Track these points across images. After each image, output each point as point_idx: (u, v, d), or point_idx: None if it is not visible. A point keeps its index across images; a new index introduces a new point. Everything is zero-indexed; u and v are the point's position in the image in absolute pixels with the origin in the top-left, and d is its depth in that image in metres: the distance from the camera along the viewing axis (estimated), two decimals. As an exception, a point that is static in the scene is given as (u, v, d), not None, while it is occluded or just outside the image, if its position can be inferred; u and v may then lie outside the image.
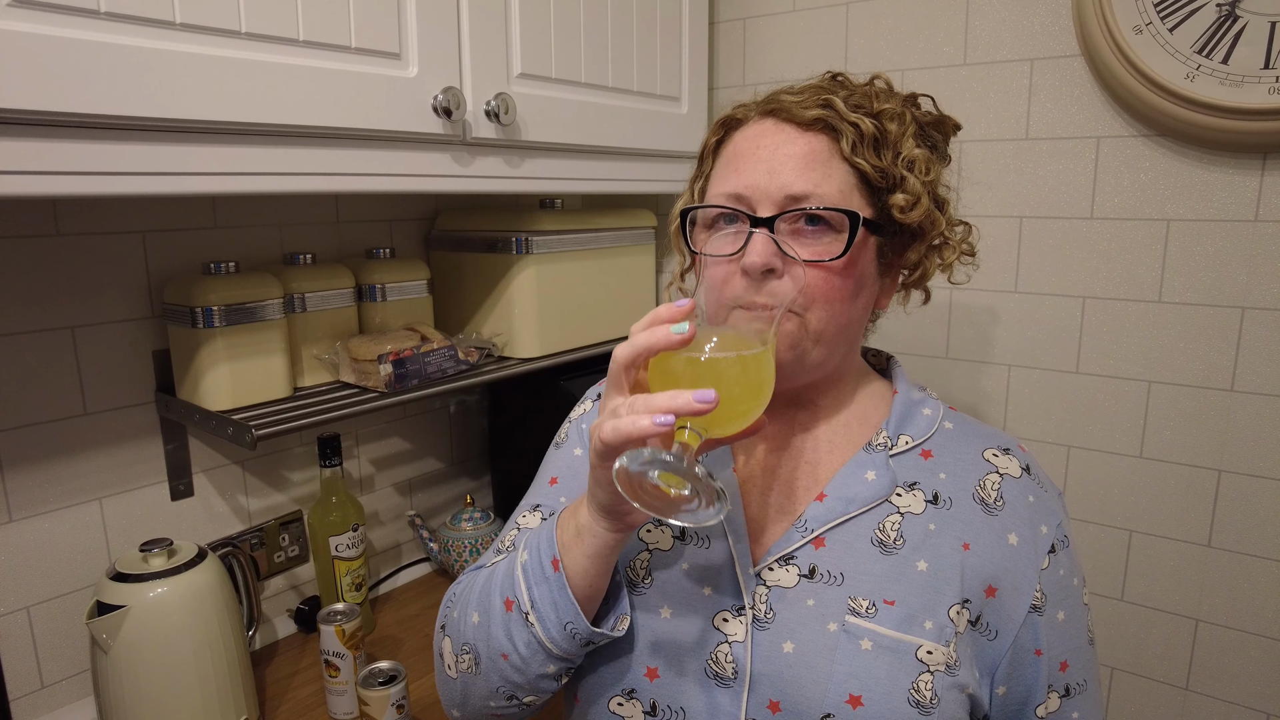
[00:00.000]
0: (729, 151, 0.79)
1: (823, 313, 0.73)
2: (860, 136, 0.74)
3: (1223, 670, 1.19)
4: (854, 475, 0.77)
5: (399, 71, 0.97)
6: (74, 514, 1.09)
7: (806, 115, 0.74)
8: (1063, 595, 0.76)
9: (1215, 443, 1.16)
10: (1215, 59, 1.05)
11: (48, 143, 0.71)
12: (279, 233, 1.27)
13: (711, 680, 0.73)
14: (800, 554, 0.74)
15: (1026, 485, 0.78)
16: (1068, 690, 0.74)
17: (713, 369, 0.61)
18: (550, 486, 0.88)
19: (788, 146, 0.74)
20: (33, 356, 1.04)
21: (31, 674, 1.07)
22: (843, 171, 0.75)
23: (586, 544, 0.67)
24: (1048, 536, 0.76)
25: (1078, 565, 0.80)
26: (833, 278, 0.73)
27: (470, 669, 0.75)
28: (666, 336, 0.59)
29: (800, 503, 0.78)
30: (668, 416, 0.56)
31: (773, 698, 0.70)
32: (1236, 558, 1.16)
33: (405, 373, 1.15)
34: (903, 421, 0.81)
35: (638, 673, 0.75)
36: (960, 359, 1.35)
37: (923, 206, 0.76)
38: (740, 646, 0.72)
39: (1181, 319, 1.17)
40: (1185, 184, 1.14)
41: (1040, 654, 0.74)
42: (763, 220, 0.73)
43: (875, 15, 1.35)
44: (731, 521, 0.77)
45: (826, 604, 0.72)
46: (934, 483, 0.77)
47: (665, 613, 0.75)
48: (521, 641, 0.70)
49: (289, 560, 1.34)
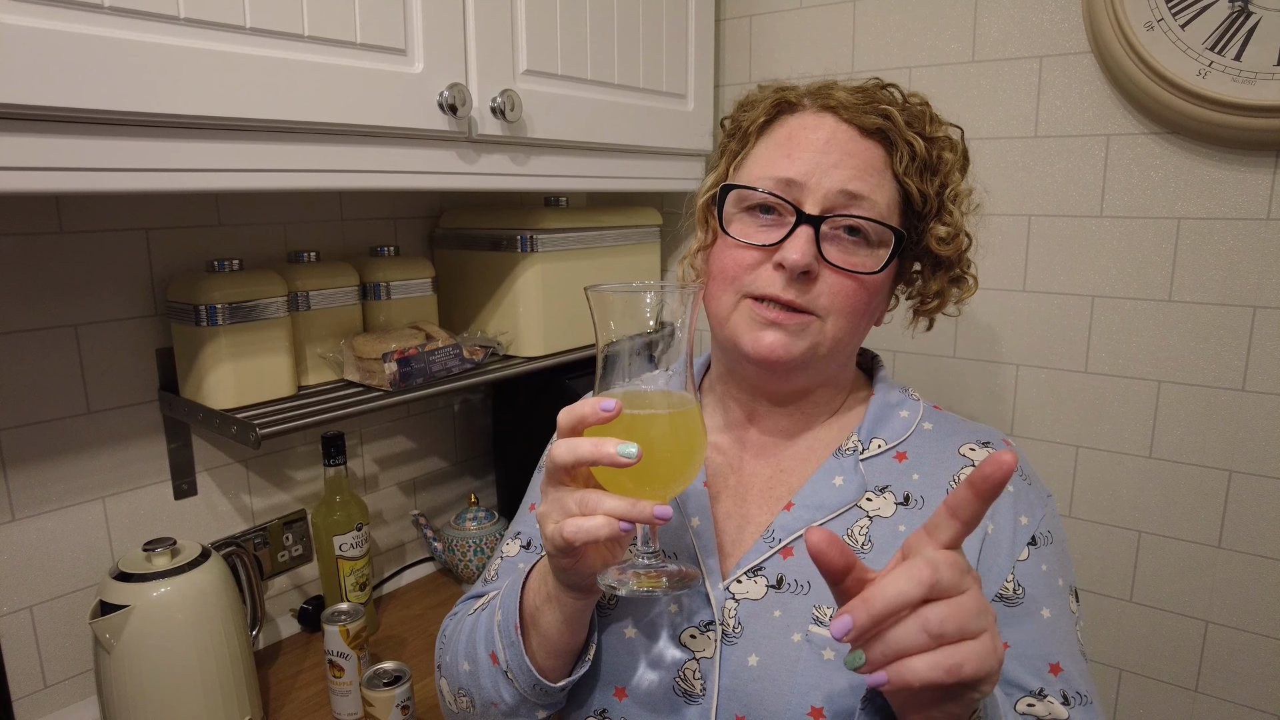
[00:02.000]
0: (780, 134, 0.77)
1: (842, 321, 0.74)
2: (913, 156, 0.74)
3: (1233, 672, 1.18)
4: (822, 482, 0.77)
5: (404, 68, 0.96)
6: (77, 513, 1.09)
7: (868, 122, 0.74)
8: (1046, 592, 0.72)
9: (1226, 443, 1.15)
10: (1228, 56, 1.04)
11: (51, 138, 0.71)
12: (283, 230, 1.26)
13: (680, 698, 0.73)
14: (768, 565, 0.74)
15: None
16: (1066, 699, 0.69)
17: (652, 446, 0.61)
18: (530, 513, 0.90)
19: (850, 145, 0.74)
20: (35, 354, 1.03)
21: (34, 673, 1.06)
22: (891, 187, 0.75)
23: (557, 611, 0.69)
24: (1028, 528, 0.74)
25: (1066, 569, 0.76)
26: (860, 290, 0.73)
27: (469, 709, 0.79)
28: (612, 457, 0.58)
29: (771, 512, 0.78)
30: (628, 524, 0.59)
31: (738, 712, 0.70)
32: (1247, 559, 1.16)
33: (410, 371, 1.14)
34: (876, 425, 0.80)
35: (606, 693, 0.76)
36: (968, 358, 1.34)
37: (960, 242, 0.77)
38: (708, 663, 0.72)
39: (1192, 318, 1.16)
40: (1196, 182, 1.13)
41: (1006, 647, 0.68)
42: (809, 218, 0.72)
43: (882, 12, 1.35)
44: (701, 537, 0.77)
45: (792, 614, 0.71)
46: (906, 484, 0.76)
47: (630, 632, 0.75)
48: (507, 694, 0.74)
49: (292, 560, 1.33)
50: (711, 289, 0.78)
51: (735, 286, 0.75)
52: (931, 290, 0.81)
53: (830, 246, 0.72)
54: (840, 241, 0.73)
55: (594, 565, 0.65)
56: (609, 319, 0.64)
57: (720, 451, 0.83)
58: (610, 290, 0.64)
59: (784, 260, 0.71)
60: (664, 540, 0.76)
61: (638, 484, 0.63)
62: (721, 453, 0.83)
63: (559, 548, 0.62)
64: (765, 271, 0.73)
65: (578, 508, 0.61)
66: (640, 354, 0.65)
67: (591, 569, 0.65)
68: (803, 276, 0.71)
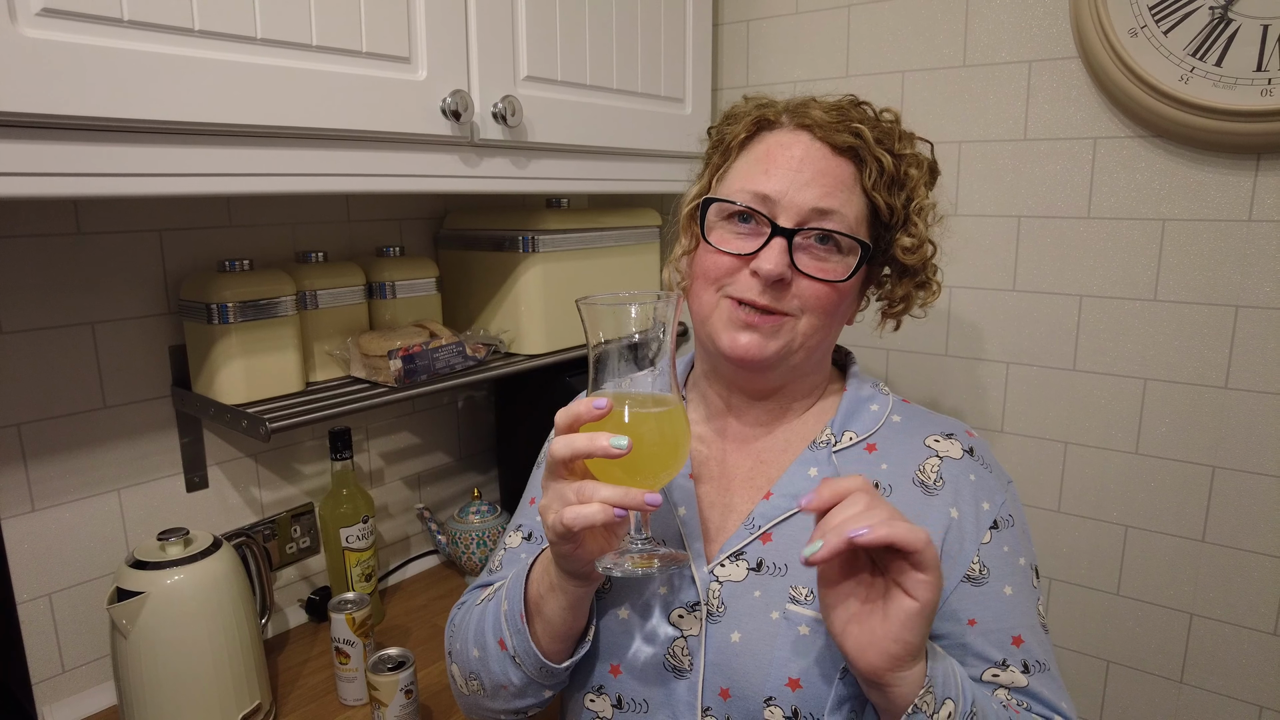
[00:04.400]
0: (759, 150, 0.83)
1: (815, 321, 0.79)
2: (881, 172, 0.80)
3: (1216, 664, 1.21)
4: (798, 473, 0.82)
5: (409, 75, 1.00)
6: (93, 504, 1.12)
7: (840, 140, 0.79)
8: (1008, 571, 0.77)
9: (1210, 439, 1.18)
10: (1209, 61, 1.07)
11: (71, 145, 0.74)
12: (291, 231, 1.30)
13: (670, 673, 0.78)
14: (749, 549, 0.79)
15: (968, 465, 0.82)
16: (1026, 667, 0.75)
17: (641, 439, 0.67)
18: (530, 506, 0.95)
19: (822, 162, 0.79)
20: (54, 351, 1.07)
21: (53, 658, 1.10)
22: (860, 201, 0.81)
23: (560, 598, 0.75)
24: (990, 512, 0.79)
25: (1026, 549, 0.81)
26: (832, 293, 0.79)
27: (480, 691, 0.85)
28: (605, 449, 0.64)
29: (751, 501, 0.83)
30: (621, 511, 0.65)
31: (723, 685, 0.76)
32: (1230, 553, 1.18)
33: (414, 368, 1.18)
34: (848, 418, 0.85)
35: (603, 670, 0.81)
36: (959, 356, 1.37)
37: (924, 251, 0.83)
38: (695, 640, 0.77)
39: (1177, 317, 1.18)
40: (1180, 184, 1.16)
41: (974, 623, 0.75)
42: (783, 231, 0.77)
43: (877, 17, 1.37)
44: (687, 525, 0.82)
45: (771, 594, 0.77)
46: (875, 473, 0.81)
47: (624, 614, 0.81)
48: (515, 676, 0.80)
49: (300, 551, 1.37)
50: (694, 289, 0.84)
51: (715, 286, 0.81)
52: (898, 295, 0.87)
53: (803, 255, 0.78)
54: (812, 250, 0.78)
55: (592, 552, 0.70)
56: (598, 327, 0.71)
57: (704, 444, 0.88)
58: (598, 302, 0.70)
59: (759, 269, 0.77)
60: (654, 528, 0.80)
61: (629, 475, 0.68)
62: (705, 445, 0.88)
63: (560, 534, 0.67)
64: (743, 277, 0.79)
65: (576, 497, 0.66)
66: (627, 357, 0.71)
67: (590, 555, 0.70)
68: (777, 284, 0.77)
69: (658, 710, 0.78)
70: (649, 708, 0.79)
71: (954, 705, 0.63)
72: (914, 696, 0.62)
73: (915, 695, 0.62)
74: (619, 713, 0.81)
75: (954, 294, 1.36)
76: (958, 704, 0.64)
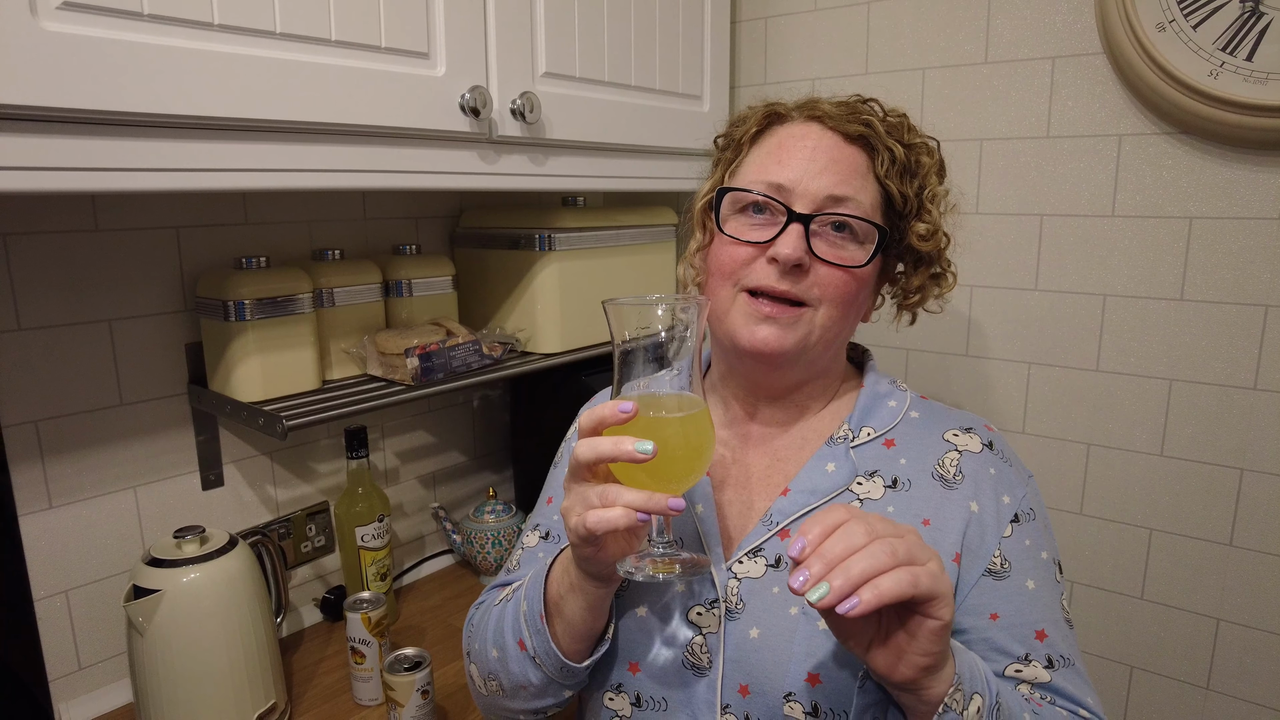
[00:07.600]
0: (771, 142, 0.83)
1: (833, 311, 0.79)
2: (893, 160, 0.80)
3: (1244, 670, 1.19)
4: (816, 469, 0.81)
5: (427, 71, 0.99)
6: (110, 501, 1.12)
7: (850, 129, 0.80)
8: (1030, 565, 0.77)
9: (1238, 441, 1.16)
10: (1239, 56, 1.05)
11: (90, 140, 0.74)
12: (308, 229, 1.29)
13: (689, 670, 0.77)
14: (767, 545, 0.79)
15: (988, 459, 0.81)
16: (1050, 662, 0.74)
17: (666, 444, 0.66)
18: (548, 506, 0.95)
19: (834, 151, 0.79)
20: (71, 348, 1.07)
21: (70, 656, 1.10)
22: (874, 189, 0.80)
23: (580, 598, 0.74)
24: (1010, 506, 0.78)
25: (1049, 543, 0.81)
26: (850, 281, 0.79)
27: (499, 692, 0.84)
28: (630, 454, 0.63)
29: (770, 498, 0.82)
30: (644, 515, 0.64)
31: (742, 682, 0.75)
32: (1259, 557, 1.16)
33: (431, 366, 1.17)
34: (866, 414, 0.84)
35: (622, 669, 0.81)
36: (980, 356, 1.36)
37: (939, 239, 0.83)
38: (714, 638, 0.77)
39: (1204, 317, 1.16)
40: (1208, 182, 1.14)
41: (996, 618, 0.74)
42: (800, 216, 0.77)
43: (896, 14, 1.36)
44: (706, 524, 0.81)
45: (790, 590, 0.74)
46: (894, 469, 0.80)
47: (642, 612, 0.80)
48: (535, 676, 0.79)
49: (315, 550, 1.37)
50: (710, 287, 0.83)
51: (732, 280, 0.80)
52: (914, 285, 0.87)
53: (819, 242, 0.77)
54: (828, 237, 0.78)
55: (614, 554, 0.70)
56: (624, 328, 0.70)
57: (723, 444, 0.87)
58: (625, 304, 0.69)
59: (777, 254, 0.76)
60: (673, 529, 0.79)
61: (653, 479, 0.67)
62: (724, 445, 0.87)
63: (582, 537, 0.66)
64: (760, 265, 0.78)
65: (599, 500, 0.65)
66: (651, 359, 0.70)
67: (611, 558, 0.70)
68: (795, 270, 0.76)
69: (677, 708, 0.78)
70: (668, 706, 0.78)
71: (981, 700, 0.63)
72: (945, 695, 0.62)
73: (946, 694, 0.62)
74: (638, 711, 0.80)
75: (975, 294, 1.34)
76: (984, 697, 0.64)
